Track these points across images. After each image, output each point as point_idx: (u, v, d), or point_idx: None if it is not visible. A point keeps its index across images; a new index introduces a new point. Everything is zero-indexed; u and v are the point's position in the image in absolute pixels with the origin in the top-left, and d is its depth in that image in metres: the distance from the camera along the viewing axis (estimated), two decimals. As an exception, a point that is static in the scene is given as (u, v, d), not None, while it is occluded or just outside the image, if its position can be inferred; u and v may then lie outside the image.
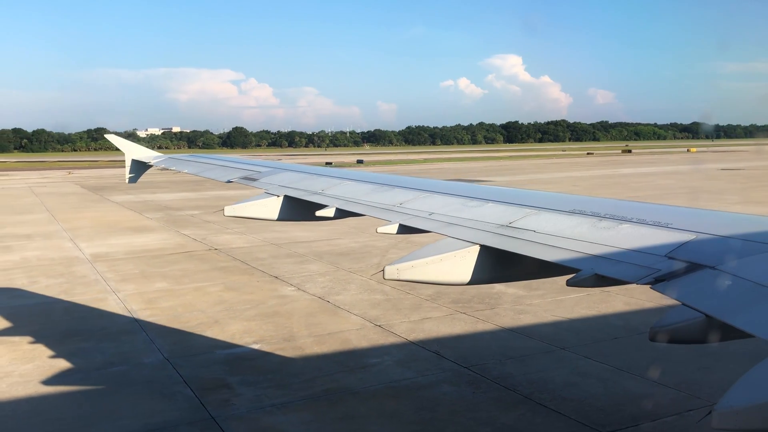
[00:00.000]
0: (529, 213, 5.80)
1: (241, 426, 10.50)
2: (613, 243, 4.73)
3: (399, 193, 7.52)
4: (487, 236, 5.49)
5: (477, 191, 7.12)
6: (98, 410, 11.26)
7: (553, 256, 4.82)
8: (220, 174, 11.53)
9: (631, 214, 5.24)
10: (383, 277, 5.15)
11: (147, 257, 25.43)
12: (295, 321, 16.26)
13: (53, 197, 53.74)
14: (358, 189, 8.14)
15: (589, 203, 5.81)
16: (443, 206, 6.63)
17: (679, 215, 5.13)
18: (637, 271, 4.19)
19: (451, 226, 5.98)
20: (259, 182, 9.74)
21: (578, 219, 5.39)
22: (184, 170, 13.11)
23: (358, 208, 7.32)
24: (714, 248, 4.25)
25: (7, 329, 16.07)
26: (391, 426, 10.51)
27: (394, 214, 6.75)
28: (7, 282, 21.46)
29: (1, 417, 11.09)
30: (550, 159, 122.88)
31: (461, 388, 12.01)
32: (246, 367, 13.21)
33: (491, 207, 6.26)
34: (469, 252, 5.29)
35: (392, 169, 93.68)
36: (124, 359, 13.75)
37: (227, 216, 8.42)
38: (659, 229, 4.79)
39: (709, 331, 3.52)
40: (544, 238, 5.16)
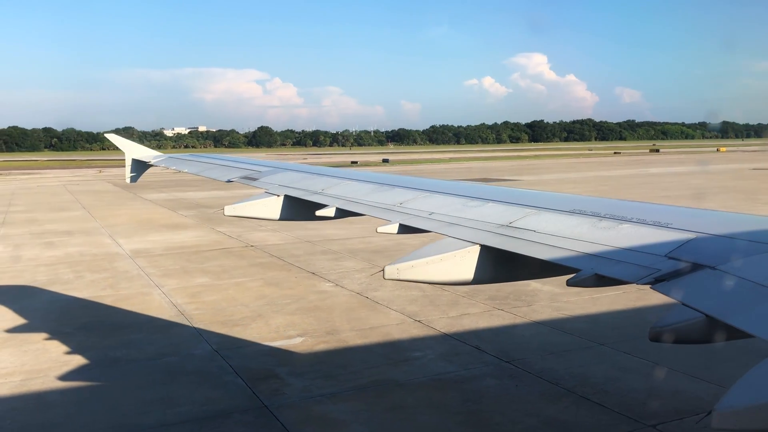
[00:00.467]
0: (530, 213, 5.80)
1: (293, 414, 10.89)
2: (614, 243, 4.74)
3: (399, 192, 7.52)
4: (487, 236, 5.49)
5: (477, 191, 7.14)
6: (155, 398, 11.73)
7: (554, 255, 4.82)
8: (220, 173, 11.50)
9: (631, 214, 5.25)
10: (383, 276, 5.15)
11: (185, 253, 26.04)
12: (336, 315, 16.64)
13: (88, 195, 54.90)
14: (358, 189, 8.14)
15: (589, 203, 5.82)
16: (443, 206, 6.64)
17: (679, 215, 5.14)
18: (638, 271, 4.19)
19: (452, 225, 5.98)
20: (259, 182, 9.72)
21: (578, 219, 5.40)
22: (184, 170, 13.06)
23: (359, 207, 7.31)
24: (714, 248, 4.24)
25: (61, 321, 16.67)
26: (439, 416, 10.81)
27: (394, 214, 6.76)
28: (54, 276, 22.17)
29: (63, 404, 11.61)
30: (577, 158, 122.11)
31: (504, 382, 12.28)
32: (293, 358, 13.61)
33: (491, 207, 6.27)
34: (469, 252, 5.29)
35: (418, 168, 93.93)
36: (174, 350, 14.24)
37: (227, 215, 8.41)
38: (659, 229, 4.79)
39: (709, 331, 3.51)
40: (545, 237, 5.18)
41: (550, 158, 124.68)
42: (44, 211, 43.37)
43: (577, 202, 5.87)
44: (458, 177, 71.06)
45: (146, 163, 14.05)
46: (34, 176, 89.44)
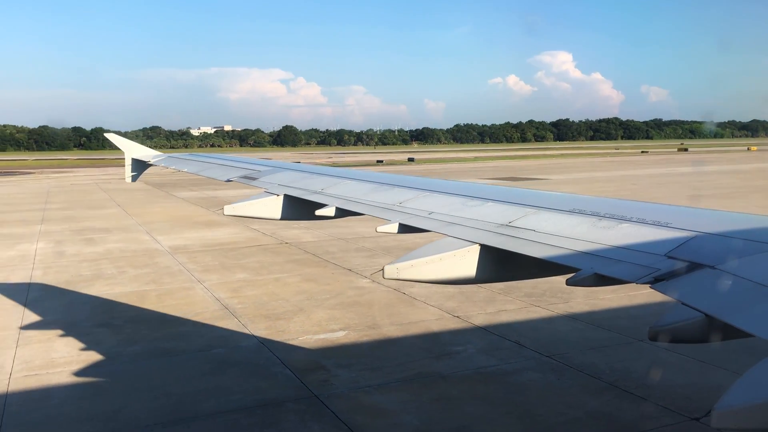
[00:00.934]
0: (529, 212, 5.80)
1: (343, 404, 11.25)
2: (613, 242, 4.73)
3: (399, 192, 7.52)
4: (486, 235, 5.48)
5: (477, 191, 7.14)
6: (208, 387, 12.18)
7: (553, 255, 4.81)
8: (219, 173, 11.48)
9: (630, 213, 5.25)
10: (383, 276, 5.13)
11: (223, 250, 26.59)
12: (376, 310, 16.98)
13: (121, 193, 55.95)
14: (358, 188, 8.14)
15: (589, 203, 5.82)
16: (443, 205, 6.64)
17: (678, 215, 5.13)
18: (637, 271, 4.19)
19: (451, 225, 5.97)
20: (258, 181, 9.71)
21: (578, 218, 5.39)
22: (184, 169, 13.01)
23: (359, 207, 7.30)
24: (714, 248, 4.24)
25: (110, 314, 17.25)
26: (485, 407, 11.10)
27: (394, 214, 6.74)
28: (98, 271, 22.83)
29: (120, 392, 12.10)
30: (604, 157, 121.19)
31: (546, 375, 12.52)
32: (337, 351, 13.99)
33: (491, 206, 6.26)
34: (468, 251, 5.27)
35: (444, 167, 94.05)
36: (222, 342, 14.70)
37: (227, 215, 8.35)
38: (659, 228, 4.78)
39: (708, 330, 3.52)
40: (544, 237, 5.16)
41: (577, 157, 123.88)
42: (80, 208, 44.39)
43: (576, 202, 5.89)
44: (485, 176, 71.13)
45: (146, 162, 14.05)
46: (66, 174, 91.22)
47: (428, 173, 78.96)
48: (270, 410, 11.06)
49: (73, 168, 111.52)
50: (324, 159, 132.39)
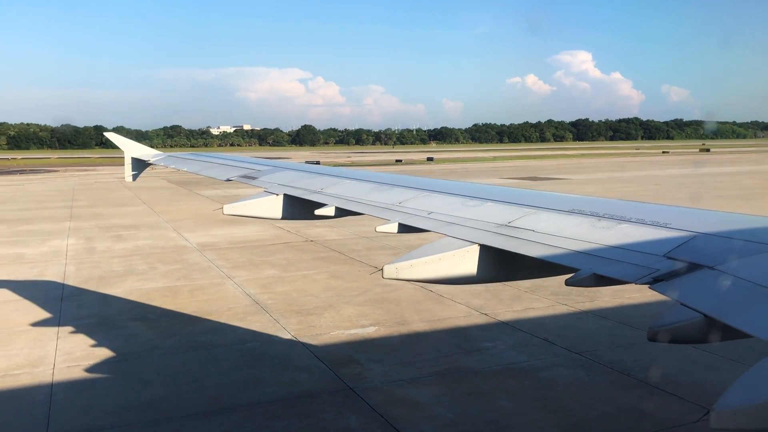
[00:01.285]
0: (528, 212, 5.81)
1: (378, 396, 11.52)
2: (612, 243, 4.74)
3: (398, 192, 7.53)
4: (486, 236, 5.48)
5: (476, 191, 7.17)
6: (245, 379, 12.51)
7: (552, 255, 4.81)
8: (219, 172, 11.48)
9: (629, 214, 5.26)
10: (382, 276, 5.14)
11: (249, 247, 26.99)
12: (404, 307, 17.23)
13: (145, 191, 56.67)
14: (357, 188, 8.15)
15: (588, 203, 5.83)
16: (442, 205, 6.65)
17: (677, 215, 5.14)
18: (636, 271, 4.20)
19: (451, 225, 5.97)
20: (258, 181, 9.73)
21: (577, 219, 5.40)
22: (183, 168, 12.98)
23: (358, 207, 7.32)
24: (713, 248, 4.26)
25: (144, 308, 17.68)
26: (517, 401, 11.31)
27: (393, 213, 6.75)
28: (129, 267, 23.32)
29: (160, 383, 12.47)
30: (624, 157, 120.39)
31: (576, 371, 12.70)
32: (369, 346, 14.26)
33: (490, 206, 6.27)
34: (468, 251, 5.27)
35: (463, 167, 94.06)
36: (255, 337, 15.03)
37: (226, 214, 8.38)
38: (658, 229, 4.79)
39: (707, 331, 3.53)
40: (543, 237, 5.17)
41: (597, 157, 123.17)
42: (106, 206, 45.12)
43: (575, 202, 5.91)
44: (505, 176, 71.09)
45: (145, 161, 14.05)
46: (89, 173, 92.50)
47: (448, 173, 79.08)
48: (307, 402, 11.36)
49: (96, 166, 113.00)
50: (343, 158, 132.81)
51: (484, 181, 64.48)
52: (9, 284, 20.88)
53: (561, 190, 54.04)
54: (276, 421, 10.61)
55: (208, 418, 10.81)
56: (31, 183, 72.11)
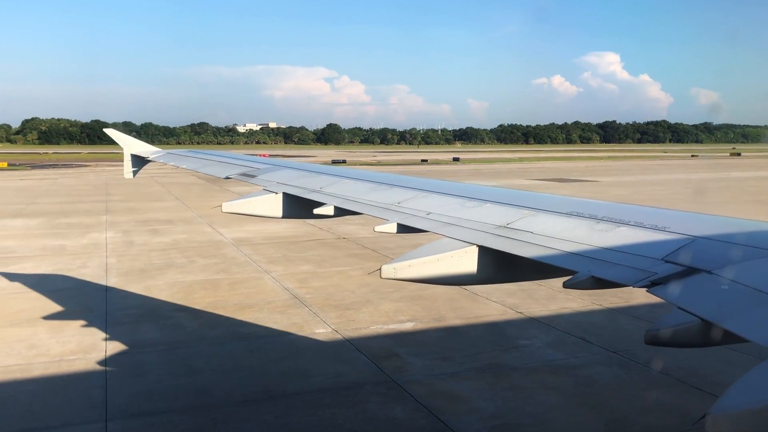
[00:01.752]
0: (527, 214, 5.81)
1: (420, 389, 11.85)
2: (610, 246, 4.74)
3: (397, 192, 7.54)
4: (484, 237, 5.47)
5: (474, 192, 7.16)
6: (289, 369, 12.93)
7: (550, 257, 4.82)
8: (218, 170, 11.48)
9: (628, 217, 5.27)
10: (380, 276, 5.14)
11: (284, 243, 27.49)
12: (440, 304, 17.53)
13: (177, 187, 57.67)
14: (356, 187, 8.14)
15: (587, 206, 5.84)
16: (441, 206, 6.65)
17: (676, 219, 5.14)
18: (634, 274, 4.20)
19: (449, 226, 5.96)
20: (257, 179, 9.71)
21: (576, 221, 5.39)
22: (183, 165, 12.92)
23: (357, 206, 7.32)
24: (711, 252, 4.25)
25: (187, 300, 18.20)
26: (556, 397, 11.57)
27: (392, 213, 6.75)
28: (168, 260, 23.93)
29: (209, 370, 12.93)
30: (653, 160, 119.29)
31: (614, 369, 12.91)
32: (408, 340, 14.60)
33: (489, 208, 6.28)
34: (466, 252, 5.28)
35: (490, 167, 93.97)
36: (297, 329, 15.45)
37: (225, 212, 8.38)
38: (656, 232, 4.79)
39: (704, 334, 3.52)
40: (542, 239, 5.17)
41: (625, 160, 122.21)
42: (140, 200, 46.03)
43: (574, 205, 5.91)
44: (531, 177, 70.96)
45: (145, 158, 14.00)
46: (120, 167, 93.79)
47: (475, 174, 79.12)
48: (352, 392, 11.73)
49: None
50: (369, 158, 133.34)
51: (512, 182, 64.49)
52: (55, 274, 21.59)
53: (590, 192, 53.93)
54: (323, 409, 11.00)
55: (257, 405, 11.23)
56: (64, 177, 73.66)
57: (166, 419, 10.71)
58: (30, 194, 51.97)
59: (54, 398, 11.55)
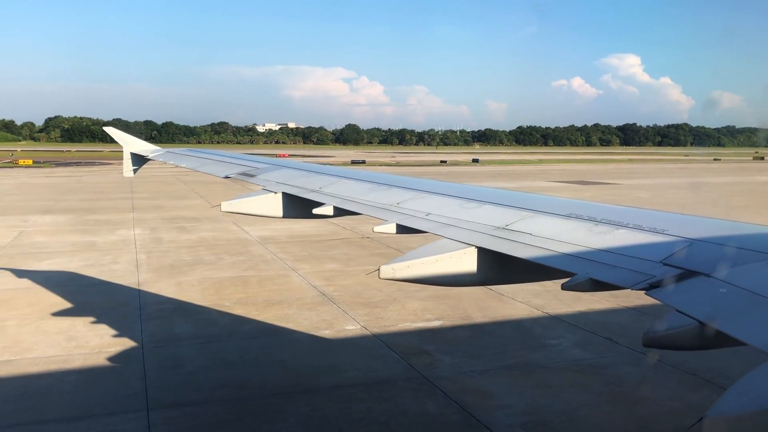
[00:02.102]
0: (526, 216, 5.82)
1: (451, 385, 12.08)
2: (609, 248, 4.76)
3: (396, 192, 7.56)
4: (483, 238, 5.49)
5: (474, 193, 7.18)
6: (321, 364, 13.21)
7: (549, 259, 4.83)
8: (217, 169, 11.47)
9: (627, 219, 5.28)
10: (378, 276, 5.18)
11: (309, 242, 27.83)
12: (466, 304, 17.73)
13: (200, 185, 58.29)
14: (355, 188, 8.16)
15: (586, 207, 5.86)
16: (440, 207, 6.67)
17: (675, 222, 5.14)
18: (632, 277, 4.22)
19: (448, 227, 5.98)
20: (256, 179, 9.72)
21: (574, 223, 5.40)
22: (182, 164, 12.92)
23: (356, 207, 7.34)
24: (709, 255, 4.26)
25: (218, 296, 18.57)
26: (586, 395, 11.74)
27: (391, 214, 6.77)
28: (197, 257, 24.36)
29: (243, 364, 13.25)
30: (674, 164, 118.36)
31: (642, 370, 13.05)
32: (437, 338, 14.82)
33: (488, 209, 6.29)
34: (465, 253, 5.30)
35: (509, 169, 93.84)
36: (328, 325, 15.74)
37: (224, 211, 8.38)
38: (655, 235, 4.80)
39: (702, 337, 3.53)
40: (540, 241, 5.17)
41: (645, 163, 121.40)
42: (165, 198, 46.68)
43: (573, 207, 5.94)
44: (552, 179, 70.81)
45: (144, 157, 14.02)
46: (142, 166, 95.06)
47: (495, 175, 79.09)
48: (384, 387, 11.99)
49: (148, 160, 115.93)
50: (387, 158, 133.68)
51: (532, 184, 64.43)
52: (88, 269, 22.09)
53: (611, 194, 53.77)
54: (358, 403, 11.27)
55: (292, 397, 11.53)
56: (88, 175, 74.76)
57: (205, 410, 11.04)
58: (56, 191, 52.88)
59: (96, 388, 11.93)
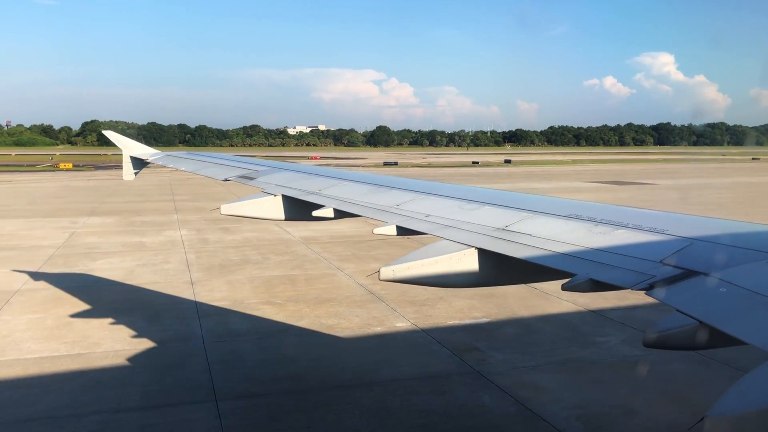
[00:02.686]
0: (526, 217, 5.83)
1: (505, 380, 12.43)
2: (609, 248, 4.76)
3: (396, 194, 7.55)
4: (483, 239, 5.49)
5: (473, 194, 7.16)
6: (376, 358, 13.67)
7: (549, 260, 4.83)
8: (217, 172, 11.45)
9: (627, 219, 5.27)
10: (379, 278, 5.20)
11: (350, 242, 28.35)
12: (512, 302, 18.03)
13: (237, 187, 58.89)
14: (355, 190, 8.16)
15: (585, 208, 5.86)
16: (440, 208, 6.67)
17: (674, 222, 5.14)
18: (632, 277, 4.22)
19: (448, 228, 5.99)
20: (256, 181, 9.73)
21: (574, 224, 5.41)
22: (182, 168, 12.90)
23: (356, 209, 7.33)
24: (708, 255, 4.27)
25: (270, 293, 19.16)
26: (638, 390, 11.99)
27: (391, 216, 6.77)
28: (244, 257, 25.04)
29: (302, 359, 13.76)
30: (711, 163, 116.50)
31: (693, 366, 13.22)
32: (486, 335, 15.17)
33: (487, 210, 6.30)
34: (464, 255, 5.30)
35: (543, 170, 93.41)
36: (379, 322, 16.19)
37: (223, 214, 8.35)
38: (655, 235, 4.81)
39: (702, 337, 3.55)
40: (540, 242, 5.17)
41: (681, 162, 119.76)
42: (206, 200, 47.66)
43: (573, 207, 5.94)
44: (586, 179, 70.41)
45: (144, 160, 14.01)
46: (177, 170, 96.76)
47: (529, 176, 78.90)
48: (440, 381, 12.40)
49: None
50: (418, 159, 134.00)
51: (567, 184, 64.21)
52: (142, 269, 22.90)
53: (648, 195, 53.35)
54: (416, 395, 11.69)
55: (351, 390, 12.00)
56: (129, 177, 76.34)
57: (270, 401, 11.56)
58: (99, 194, 54.34)
59: (164, 380, 12.54)
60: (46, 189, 59.57)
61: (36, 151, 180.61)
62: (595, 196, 50.35)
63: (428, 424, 10.61)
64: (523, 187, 58.42)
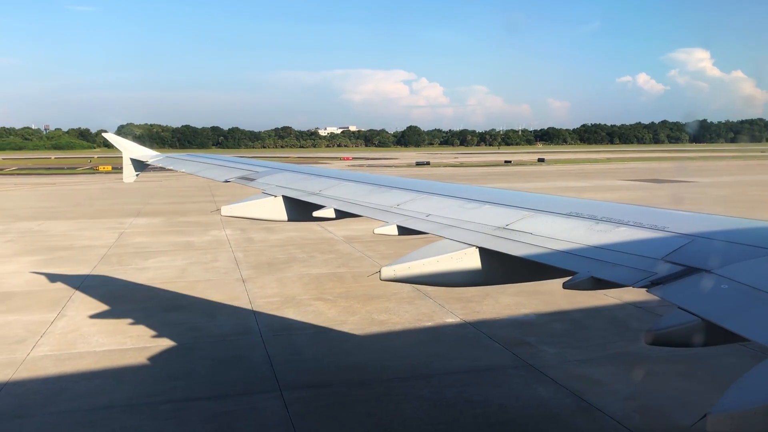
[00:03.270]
0: (526, 215, 5.83)
1: (558, 372, 12.74)
2: (610, 246, 4.75)
3: (396, 194, 7.55)
4: (483, 238, 5.49)
5: (473, 193, 7.16)
6: (430, 351, 14.09)
7: (550, 258, 4.82)
8: (217, 173, 11.49)
9: (628, 217, 5.26)
10: (380, 277, 5.21)
11: (392, 241, 28.61)
12: (558, 298, 18.27)
13: (275, 188, 60.20)
14: (355, 190, 8.15)
15: (586, 206, 5.86)
16: (440, 208, 6.69)
17: (675, 219, 5.13)
18: (634, 275, 4.21)
19: (449, 227, 6.00)
20: (256, 182, 9.76)
21: (575, 222, 5.40)
22: (182, 169, 12.91)
23: (356, 209, 7.35)
24: (710, 252, 4.26)
25: (320, 290, 19.71)
26: (692, 383, 12.20)
27: (391, 216, 6.79)
28: (290, 255, 25.66)
29: (360, 350, 14.24)
30: (751, 160, 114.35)
31: (744, 360, 13.33)
32: (535, 330, 15.48)
33: (488, 209, 6.30)
34: (465, 254, 5.30)
35: (577, 168, 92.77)
36: (428, 318, 16.60)
37: (224, 215, 8.41)
38: (656, 232, 4.79)
39: (705, 334, 3.53)
40: (541, 240, 5.16)
41: (719, 160, 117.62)
42: (245, 201, 48.53)
43: (574, 205, 5.94)
44: (622, 177, 69.82)
45: (144, 162, 14.03)
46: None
47: (564, 174, 78.51)
48: (494, 373, 12.77)
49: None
50: (450, 159, 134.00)
51: (603, 182, 63.81)
52: (193, 267, 23.67)
53: (691, 192, 52.81)
54: (472, 387, 12.08)
55: (409, 381, 12.43)
56: (168, 179, 77.89)
57: (333, 391, 12.06)
58: (142, 195, 55.63)
59: (229, 372, 13.12)
60: (89, 191, 61.23)
61: (74, 154, 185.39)
62: (633, 195, 50.03)
63: (487, 413, 10.99)
64: (558, 186, 58.22)
